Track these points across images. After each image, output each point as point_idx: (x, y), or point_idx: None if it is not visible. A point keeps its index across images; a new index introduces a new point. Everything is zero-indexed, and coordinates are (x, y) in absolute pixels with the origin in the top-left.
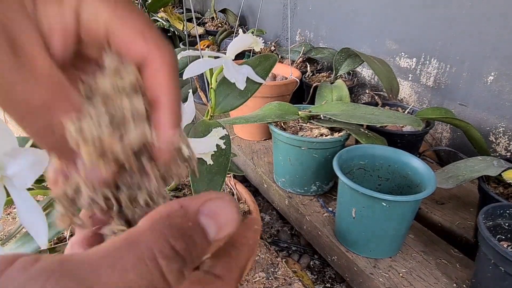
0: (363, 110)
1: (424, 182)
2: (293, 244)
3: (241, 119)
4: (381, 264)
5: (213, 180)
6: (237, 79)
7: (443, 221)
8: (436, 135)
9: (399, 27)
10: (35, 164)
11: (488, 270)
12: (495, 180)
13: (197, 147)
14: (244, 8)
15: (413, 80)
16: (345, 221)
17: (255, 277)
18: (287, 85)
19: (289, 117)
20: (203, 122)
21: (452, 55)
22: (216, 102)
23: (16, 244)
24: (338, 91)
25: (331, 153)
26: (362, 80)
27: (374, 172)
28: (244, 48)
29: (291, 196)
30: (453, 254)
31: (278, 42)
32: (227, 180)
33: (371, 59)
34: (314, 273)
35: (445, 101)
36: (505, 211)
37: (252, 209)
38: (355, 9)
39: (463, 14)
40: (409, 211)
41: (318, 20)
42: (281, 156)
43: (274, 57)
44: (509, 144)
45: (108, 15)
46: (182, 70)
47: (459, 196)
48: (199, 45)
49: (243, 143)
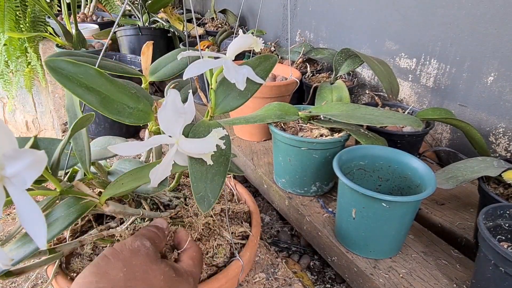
0: (363, 111)
1: (424, 183)
2: (293, 245)
3: (241, 120)
4: (381, 264)
5: (213, 181)
6: (237, 79)
7: (443, 222)
8: (436, 135)
9: (399, 28)
10: (34, 165)
11: (488, 271)
12: (495, 180)
13: (197, 148)
14: (244, 8)
15: (413, 80)
16: (345, 222)
17: (255, 277)
18: (287, 85)
19: (289, 117)
20: (203, 123)
21: (452, 56)
22: (216, 102)
23: (15, 244)
24: (338, 91)
25: (331, 154)
26: (362, 81)
27: (374, 172)
28: (244, 49)
29: (291, 197)
30: (453, 255)
31: (278, 42)
32: (227, 181)
33: (371, 60)
34: (314, 274)
35: (445, 101)
36: (505, 212)
37: (252, 210)
38: (355, 9)
39: (463, 14)
40: (409, 212)
41: (318, 21)
42: (281, 156)
43: (274, 58)
44: (509, 145)
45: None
46: (182, 70)
47: (459, 196)
48: (199, 46)
49: (243, 144)
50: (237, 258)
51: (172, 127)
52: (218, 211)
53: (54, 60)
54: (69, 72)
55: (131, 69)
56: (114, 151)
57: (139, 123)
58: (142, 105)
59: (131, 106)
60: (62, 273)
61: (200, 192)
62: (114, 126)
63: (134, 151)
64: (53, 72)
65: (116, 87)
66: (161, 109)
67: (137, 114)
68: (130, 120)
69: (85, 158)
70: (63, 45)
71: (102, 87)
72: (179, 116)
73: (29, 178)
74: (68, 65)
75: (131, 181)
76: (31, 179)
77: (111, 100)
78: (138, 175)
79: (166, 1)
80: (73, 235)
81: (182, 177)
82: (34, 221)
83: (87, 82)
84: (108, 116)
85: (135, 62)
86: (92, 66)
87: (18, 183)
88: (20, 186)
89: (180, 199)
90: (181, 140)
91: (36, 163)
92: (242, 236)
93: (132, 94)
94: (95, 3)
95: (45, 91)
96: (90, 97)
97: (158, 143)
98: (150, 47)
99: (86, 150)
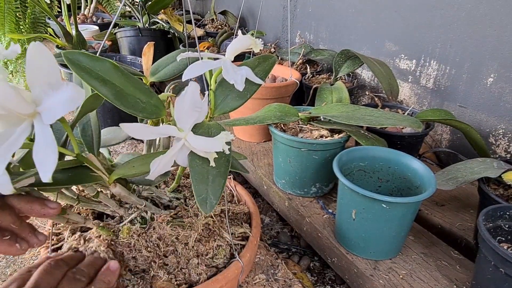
0: (363, 112)
1: (424, 184)
2: (293, 246)
3: (241, 121)
4: (381, 265)
5: (214, 182)
6: (236, 80)
7: (443, 223)
8: (436, 136)
9: (398, 29)
10: (72, 99)
11: (488, 272)
12: (495, 181)
13: (204, 145)
14: (244, 10)
15: (412, 81)
16: (345, 223)
17: (255, 279)
18: (287, 86)
19: (289, 118)
20: (202, 124)
21: (451, 57)
22: (215, 103)
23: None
24: (338, 92)
25: (331, 155)
26: (362, 82)
27: (374, 173)
28: (243, 50)
29: (291, 198)
30: (453, 256)
31: (278, 44)
32: (227, 182)
33: (370, 61)
34: (314, 275)
35: (445, 102)
36: (505, 213)
37: (252, 211)
38: (354, 11)
39: (463, 16)
40: (409, 213)
41: (318, 22)
42: (281, 157)
43: (273, 58)
44: (508, 146)
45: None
46: (183, 71)
47: (459, 197)
48: (198, 47)
49: (243, 145)
50: (237, 259)
51: (185, 118)
52: (218, 212)
53: (72, 53)
54: (87, 65)
55: (133, 69)
56: (125, 130)
57: (152, 118)
58: (154, 99)
59: (144, 100)
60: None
61: (202, 194)
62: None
63: (142, 134)
64: (72, 64)
65: (130, 82)
66: (180, 98)
67: (150, 108)
68: (143, 114)
69: (93, 144)
70: (63, 46)
71: (117, 81)
72: (194, 110)
73: (60, 112)
74: (86, 58)
75: (141, 165)
76: (62, 114)
77: (125, 94)
78: (148, 160)
79: (166, 3)
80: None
81: (182, 178)
82: (48, 154)
83: (103, 74)
84: (122, 109)
85: (135, 63)
86: (109, 59)
87: (48, 116)
88: (48, 120)
89: (180, 200)
90: (190, 135)
91: (74, 98)
92: (242, 237)
93: (145, 89)
94: (95, 5)
95: None
96: (105, 90)
97: (167, 133)
98: (152, 48)
99: (95, 135)
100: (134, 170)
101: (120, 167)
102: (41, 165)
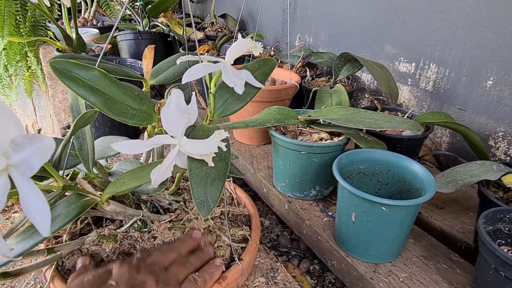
0: (363, 115)
1: (424, 187)
2: (293, 249)
3: (240, 124)
4: (381, 268)
5: (212, 185)
6: (236, 83)
7: (443, 226)
8: (435, 139)
9: (398, 32)
10: (42, 150)
11: (488, 275)
12: (495, 184)
13: (199, 148)
14: (244, 13)
15: (412, 84)
16: (345, 226)
17: (255, 282)
18: (287, 89)
19: (289, 121)
20: (202, 127)
21: (451, 60)
22: (215, 106)
23: (16, 239)
24: (337, 95)
25: (330, 158)
26: (362, 85)
27: (373, 176)
28: (243, 53)
29: (291, 201)
30: (453, 259)
31: (278, 47)
32: (227, 185)
33: (370, 64)
34: (314, 278)
35: (444, 105)
36: (505, 216)
37: (252, 214)
38: (354, 14)
39: (462, 19)
40: (409, 216)
41: (318, 25)
42: (281, 160)
43: (273, 61)
44: (508, 149)
45: None
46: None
47: (459, 200)
48: (198, 50)
49: (243, 148)
50: (236, 262)
51: (175, 126)
52: (218, 214)
53: (59, 62)
54: (74, 74)
55: (133, 72)
56: (117, 149)
57: (142, 124)
58: (145, 106)
59: (134, 107)
60: (59, 275)
61: (200, 197)
62: (114, 129)
63: (136, 150)
64: (58, 73)
65: (120, 89)
66: (165, 108)
67: (140, 115)
68: (133, 121)
69: (88, 157)
70: (64, 49)
71: (106, 89)
72: (182, 116)
73: (35, 164)
74: (73, 66)
75: (132, 180)
76: (38, 166)
77: (114, 101)
78: (139, 175)
79: (166, 6)
80: (71, 238)
81: (182, 181)
82: (38, 208)
83: (91, 83)
84: (111, 117)
85: (135, 66)
86: (97, 67)
87: (24, 170)
88: (25, 174)
89: (180, 202)
90: (183, 140)
91: (44, 149)
92: (242, 240)
93: (135, 96)
94: (96, 8)
95: (45, 95)
96: (94, 98)
97: (160, 143)
98: (152, 51)
99: (90, 148)
100: (124, 187)
101: (111, 185)
102: (37, 223)
